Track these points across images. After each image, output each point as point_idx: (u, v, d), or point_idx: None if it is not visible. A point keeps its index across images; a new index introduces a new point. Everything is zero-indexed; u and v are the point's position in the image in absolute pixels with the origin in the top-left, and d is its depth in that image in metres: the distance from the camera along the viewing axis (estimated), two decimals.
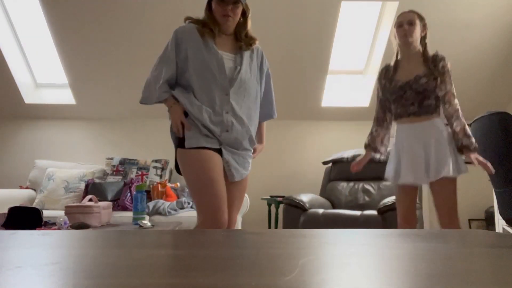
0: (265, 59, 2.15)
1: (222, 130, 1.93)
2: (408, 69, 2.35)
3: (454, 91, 2.29)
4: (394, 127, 2.51)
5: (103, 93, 4.51)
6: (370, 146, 2.51)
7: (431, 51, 2.37)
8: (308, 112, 4.70)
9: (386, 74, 2.44)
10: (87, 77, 4.37)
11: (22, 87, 4.50)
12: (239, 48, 2.02)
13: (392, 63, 2.44)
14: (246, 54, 2.04)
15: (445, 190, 2.26)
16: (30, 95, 4.59)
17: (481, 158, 2.21)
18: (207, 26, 1.98)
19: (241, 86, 1.98)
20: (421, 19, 2.41)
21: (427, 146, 2.27)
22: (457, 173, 2.24)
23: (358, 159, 2.56)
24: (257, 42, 2.08)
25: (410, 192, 2.40)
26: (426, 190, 2.57)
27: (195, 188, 1.87)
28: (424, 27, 2.40)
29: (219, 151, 1.94)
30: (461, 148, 2.24)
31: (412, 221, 2.42)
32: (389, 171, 2.43)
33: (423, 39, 2.39)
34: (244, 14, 2.03)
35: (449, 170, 2.21)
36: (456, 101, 2.28)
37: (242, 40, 2.03)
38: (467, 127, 2.25)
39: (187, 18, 2.03)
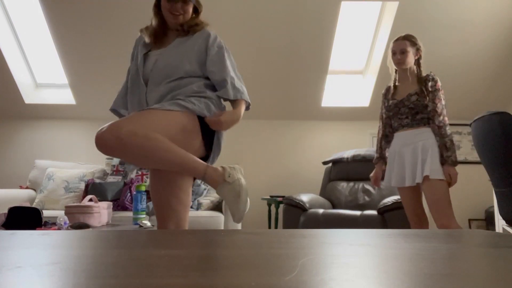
0: (215, 40, 1.84)
1: None
2: (403, 89, 2.64)
3: (441, 109, 2.50)
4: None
5: (103, 93, 4.51)
6: (382, 158, 2.77)
7: (425, 70, 2.63)
8: (308, 112, 4.70)
9: (387, 95, 2.74)
10: (87, 77, 4.37)
11: (22, 87, 4.50)
12: (177, 35, 1.85)
13: (391, 84, 2.73)
14: (178, 40, 1.84)
15: (431, 190, 2.44)
16: (30, 95, 4.59)
17: (451, 173, 2.42)
18: (148, 28, 1.90)
19: (159, 75, 1.76)
20: (414, 44, 2.62)
21: (415, 150, 2.51)
22: (439, 175, 2.42)
23: (373, 175, 2.79)
24: (206, 27, 1.87)
25: (411, 193, 2.61)
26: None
27: None
28: (417, 50, 2.63)
29: None
30: (443, 162, 2.46)
31: (421, 221, 2.59)
32: (386, 176, 2.70)
33: (417, 60, 2.64)
34: (196, 11, 1.90)
35: (430, 170, 2.41)
36: (441, 118, 2.49)
37: (184, 28, 1.84)
38: (449, 141, 2.46)
39: (141, 30, 1.97)
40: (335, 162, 4.22)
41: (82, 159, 4.55)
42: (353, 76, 4.71)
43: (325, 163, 4.32)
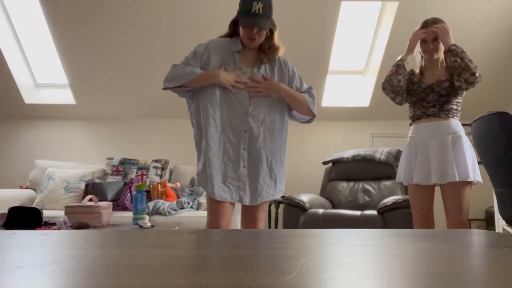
0: (295, 71, 2.15)
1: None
2: (432, 75, 2.38)
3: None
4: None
5: (103, 93, 4.51)
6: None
7: None
8: None
9: (411, 78, 2.46)
10: (87, 77, 4.37)
11: (22, 87, 4.50)
12: (260, 61, 2.05)
13: (417, 70, 2.47)
14: (264, 67, 2.06)
15: (455, 193, 2.23)
16: (30, 95, 4.59)
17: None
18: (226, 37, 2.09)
19: (258, 105, 2.02)
20: None
21: (442, 143, 2.27)
22: (467, 177, 2.21)
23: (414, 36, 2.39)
24: (281, 52, 2.08)
25: (426, 192, 2.36)
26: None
27: None
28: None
29: None
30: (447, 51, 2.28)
31: (430, 223, 2.37)
32: (401, 171, 2.43)
33: None
34: (271, 29, 2.06)
35: (460, 172, 2.19)
36: (478, 69, 2.24)
37: (265, 52, 2.05)
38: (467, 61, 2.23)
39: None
40: (335, 162, 4.22)
41: (82, 159, 4.55)
42: (353, 76, 4.71)
43: (325, 163, 4.32)
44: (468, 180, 2.22)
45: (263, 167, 1.99)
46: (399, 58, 2.45)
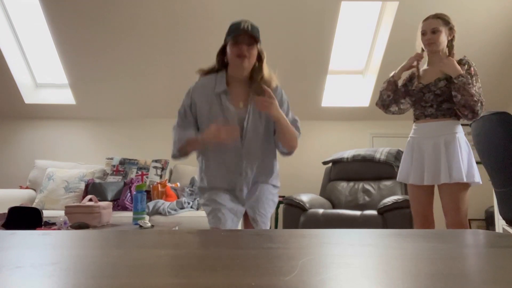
0: (284, 99, 2.08)
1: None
2: (432, 73, 2.35)
3: (477, 95, 2.20)
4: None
5: (103, 93, 4.50)
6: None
7: (459, 55, 2.37)
8: (308, 112, 4.69)
9: (412, 79, 2.45)
10: (87, 77, 4.37)
11: (22, 87, 4.49)
12: (253, 92, 1.96)
13: (423, 67, 2.44)
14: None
15: (451, 194, 2.23)
16: (30, 95, 4.59)
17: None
18: (211, 72, 2.00)
19: (252, 145, 2.00)
20: (447, 23, 2.37)
21: (436, 146, 2.26)
22: (466, 179, 2.19)
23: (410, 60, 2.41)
24: (274, 84, 2.00)
25: (423, 192, 2.35)
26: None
27: None
28: (450, 30, 2.37)
29: None
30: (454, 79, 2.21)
31: (429, 222, 2.37)
32: (401, 171, 2.44)
33: (450, 42, 2.37)
34: (260, 59, 1.97)
35: (453, 174, 2.18)
36: (479, 103, 2.19)
37: (257, 81, 1.95)
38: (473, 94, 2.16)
39: (200, 71, 2.03)
40: (335, 162, 4.22)
41: (82, 159, 4.55)
42: (353, 76, 4.71)
43: (325, 163, 4.32)
44: (462, 182, 2.20)
45: (259, 191, 2.07)
46: (391, 74, 2.46)
